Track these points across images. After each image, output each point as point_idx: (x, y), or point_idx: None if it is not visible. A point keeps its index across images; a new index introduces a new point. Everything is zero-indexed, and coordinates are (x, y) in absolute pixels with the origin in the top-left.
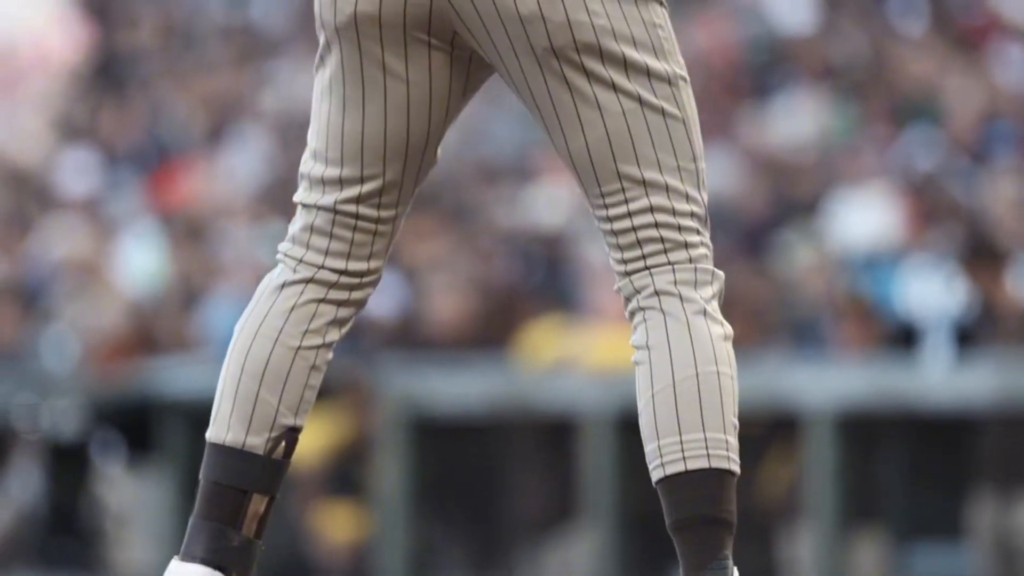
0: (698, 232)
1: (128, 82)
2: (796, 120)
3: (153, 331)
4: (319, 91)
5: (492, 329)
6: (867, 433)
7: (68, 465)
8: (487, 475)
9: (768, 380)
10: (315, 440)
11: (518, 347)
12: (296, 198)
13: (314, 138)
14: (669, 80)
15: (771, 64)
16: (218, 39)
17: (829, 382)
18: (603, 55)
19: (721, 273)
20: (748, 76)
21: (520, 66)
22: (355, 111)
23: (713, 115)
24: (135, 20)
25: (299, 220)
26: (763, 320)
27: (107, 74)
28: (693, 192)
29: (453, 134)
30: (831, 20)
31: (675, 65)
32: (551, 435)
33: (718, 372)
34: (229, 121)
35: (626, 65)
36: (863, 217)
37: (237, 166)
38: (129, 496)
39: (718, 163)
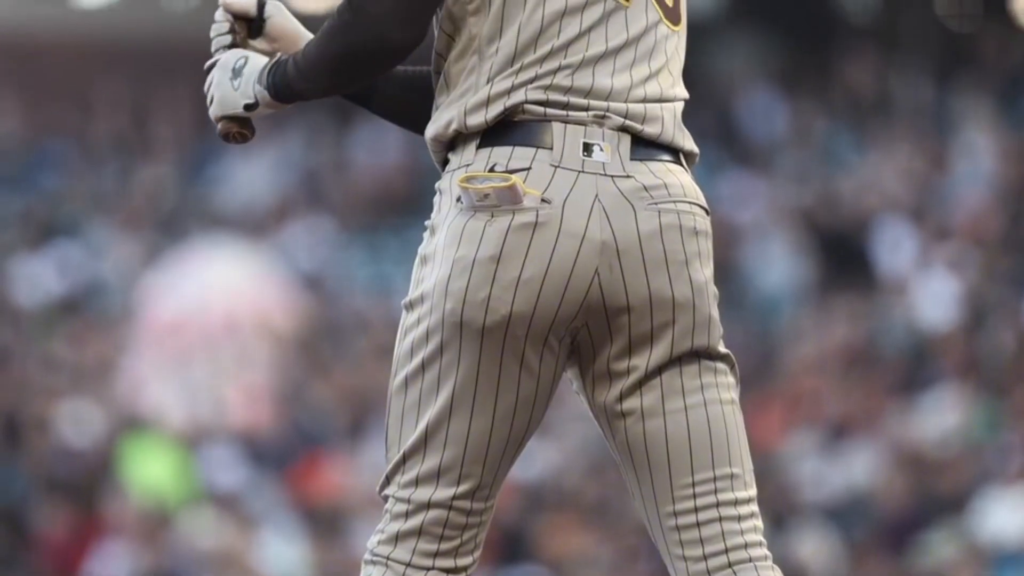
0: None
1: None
2: (940, 415)
3: None
4: (421, 391)
5: None
6: None
7: None
8: None
9: None
10: None
11: None
12: (388, 492)
13: (424, 430)
14: (738, 383)
15: (916, 359)
16: (361, 331)
17: None
18: (718, 352)
19: None
20: (891, 370)
21: (650, 354)
22: (485, 410)
23: (857, 408)
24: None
25: (401, 520)
26: None
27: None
28: (755, 491)
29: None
30: (975, 315)
31: None
32: None
33: None
34: (370, 414)
35: (727, 363)
36: (1010, 516)
37: (378, 461)
38: None
39: (862, 457)
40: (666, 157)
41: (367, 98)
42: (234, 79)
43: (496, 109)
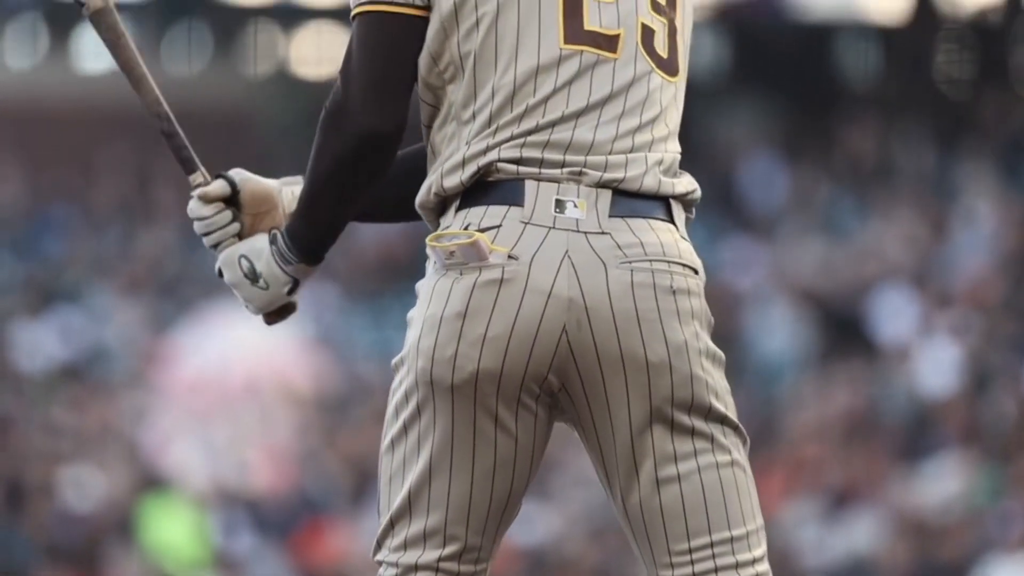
0: None
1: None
2: (942, 482)
3: None
4: (405, 453)
5: None
6: None
7: None
8: None
9: None
10: None
11: None
12: (380, 558)
13: (407, 494)
14: (745, 442)
15: (917, 425)
16: (364, 397)
17: None
18: (710, 413)
19: None
20: (893, 437)
21: (630, 418)
22: (463, 471)
23: (857, 475)
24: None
25: None
26: None
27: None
28: (761, 550)
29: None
30: (977, 381)
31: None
32: None
33: None
34: (372, 480)
35: (724, 424)
36: None
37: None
38: None
39: (863, 524)
40: (650, 213)
41: (377, 210)
42: (255, 282)
43: (470, 170)
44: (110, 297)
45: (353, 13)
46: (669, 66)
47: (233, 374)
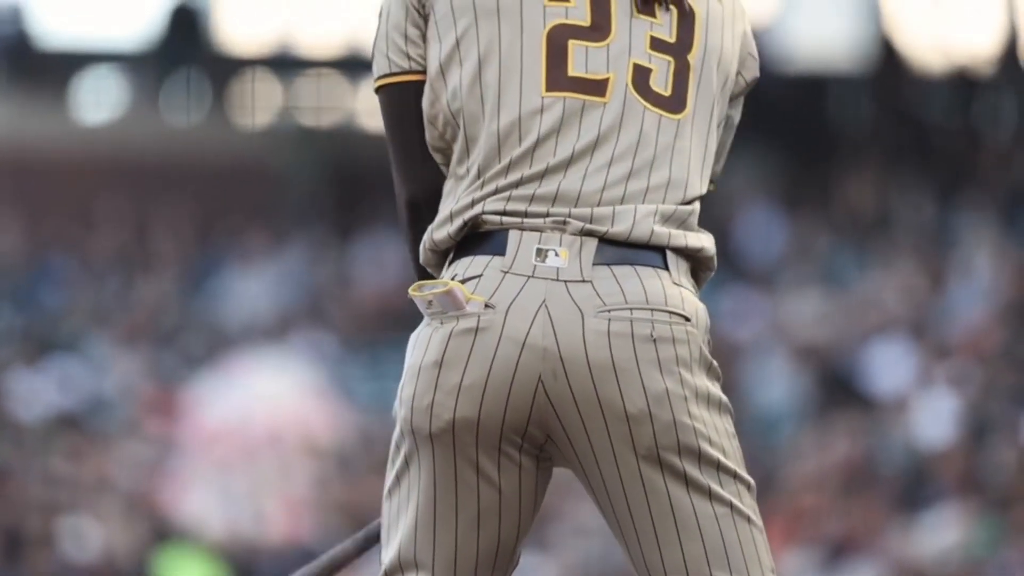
0: None
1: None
2: (941, 533)
3: None
4: (398, 503)
5: None
6: None
7: None
8: None
9: None
10: None
11: None
12: None
13: (398, 548)
14: (749, 488)
15: (915, 476)
16: (362, 447)
17: None
18: (701, 460)
19: None
20: (891, 488)
21: (618, 469)
22: (447, 521)
23: (856, 525)
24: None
25: None
26: None
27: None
28: None
29: (592, 543)
30: (975, 432)
31: (749, 475)
32: None
33: None
34: None
35: (719, 471)
36: None
37: None
38: None
39: (862, 574)
40: (639, 259)
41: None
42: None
43: (457, 224)
44: (109, 347)
45: (374, 91)
46: (671, 103)
47: (254, 424)
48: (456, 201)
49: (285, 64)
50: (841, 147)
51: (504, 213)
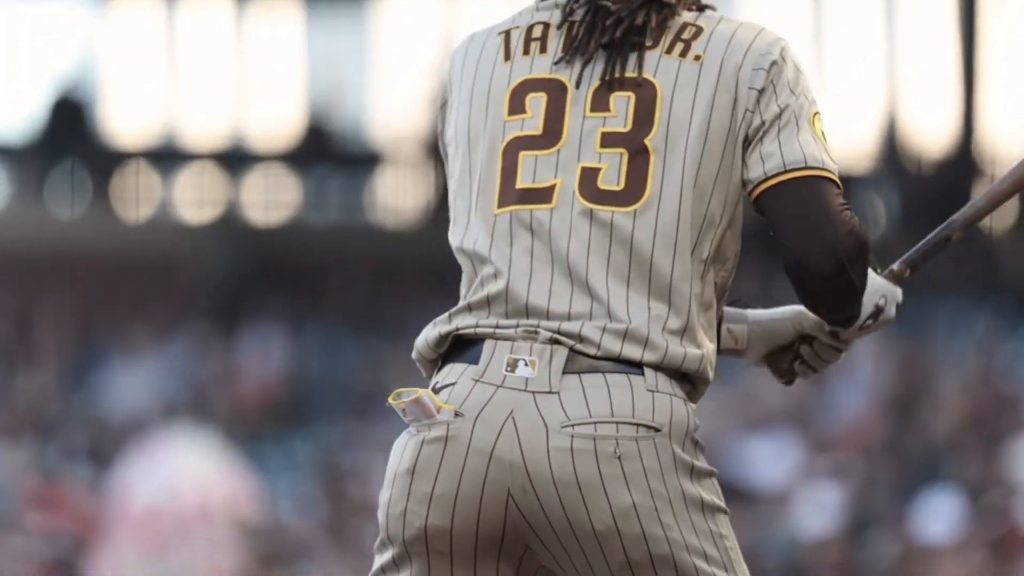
0: None
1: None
2: None
3: None
4: None
5: None
6: None
7: None
8: None
9: None
10: None
11: None
12: None
13: None
14: None
15: (797, 570)
16: (243, 540)
17: None
18: (677, 569)
19: None
20: None
21: None
22: None
23: None
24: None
25: None
26: None
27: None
28: None
29: None
30: (857, 525)
31: (743, 570)
32: None
33: None
34: None
35: None
36: None
37: None
38: None
39: None
40: (610, 368)
41: None
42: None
43: (433, 337)
44: None
45: None
46: (623, 197)
47: (184, 503)
48: (448, 322)
49: (168, 156)
50: None
51: (478, 325)
